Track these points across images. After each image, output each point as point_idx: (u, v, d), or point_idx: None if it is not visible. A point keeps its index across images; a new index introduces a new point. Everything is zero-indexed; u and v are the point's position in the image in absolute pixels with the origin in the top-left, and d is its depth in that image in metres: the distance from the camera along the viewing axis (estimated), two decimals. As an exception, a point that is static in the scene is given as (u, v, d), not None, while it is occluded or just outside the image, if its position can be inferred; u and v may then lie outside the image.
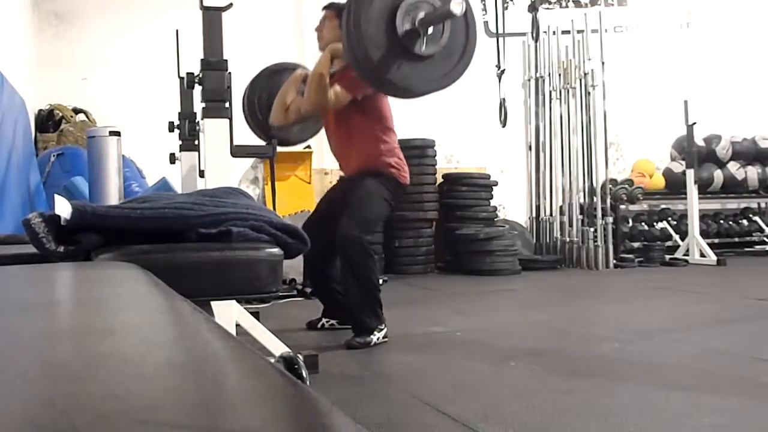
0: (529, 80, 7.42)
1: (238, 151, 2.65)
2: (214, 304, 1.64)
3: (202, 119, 2.64)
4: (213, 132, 2.54)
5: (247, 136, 3.49)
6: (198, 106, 2.99)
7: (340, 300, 3.38)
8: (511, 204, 7.38)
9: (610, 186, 6.94)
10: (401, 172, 3.29)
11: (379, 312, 3.14)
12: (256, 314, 3.06)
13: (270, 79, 3.70)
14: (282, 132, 3.61)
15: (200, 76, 2.59)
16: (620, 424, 1.93)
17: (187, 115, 3.38)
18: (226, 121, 2.54)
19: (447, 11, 2.61)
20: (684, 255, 6.82)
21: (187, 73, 2.87)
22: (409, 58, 2.70)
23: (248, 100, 3.73)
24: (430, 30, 2.72)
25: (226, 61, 2.56)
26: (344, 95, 3.11)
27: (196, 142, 3.37)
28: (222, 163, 2.56)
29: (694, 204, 6.81)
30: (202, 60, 2.56)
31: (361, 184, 3.21)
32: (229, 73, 2.57)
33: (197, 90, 2.80)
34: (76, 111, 5.70)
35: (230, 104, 2.57)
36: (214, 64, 2.52)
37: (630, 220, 7.49)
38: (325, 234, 3.07)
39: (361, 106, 3.16)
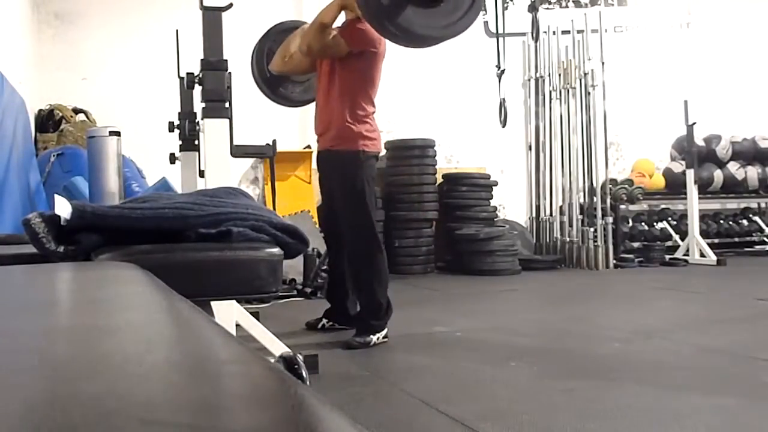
0: (529, 80, 7.41)
1: (237, 151, 2.65)
2: (214, 304, 1.64)
3: (202, 119, 2.64)
4: (213, 132, 2.54)
5: (247, 136, 3.48)
6: (198, 106, 2.99)
7: (343, 299, 3.40)
8: (511, 204, 7.37)
9: (610, 186, 6.94)
10: (373, 141, 3.26)
11: (382, 313, 3.14)
12: (256, 314, 3.06)
13: (282, 35, 3.70)
14: (287, 89, 3.61)
15: (200, 76, 2.59)
16: (620, 424, 1.93)
17: (187, 115, 3.37)
18: (226, 121, 2.54)
19: None
20: (684, 255, 6.82)
21: (187, 73, 2.87)
22: (420, 3, 2.70)
23: (257, 53, 3.74)
24: None
25: (226, 61, 2.56)
26: (342, 45, 3.12)
27: (196, 142, 3.36)
28: (222, 163, 2.56)
29: (694, 204, 6.81)
30: (202, 60, 2.56)
31: (339, 180, 3.21)
32: (229, 73, 2.57)
33: (197, 90, 2.80)
34: (76, 111, 5.70)
35: (230, 104, 2.57)
36: (214, 64, 2.52)
37: (630, 220, 7.49)
38: (340, 236, 3.16)
39: (355, 63, 3.16)
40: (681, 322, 3.71)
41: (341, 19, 3.28)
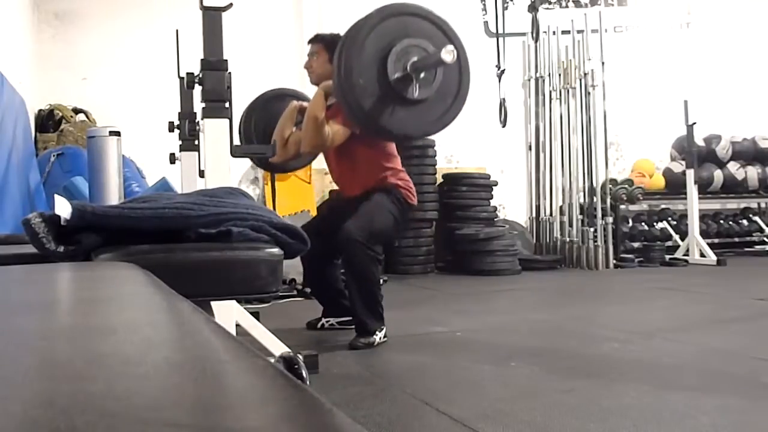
0: (529, 80, 7.42)
1: (237, 151, 2.64)
2: (214, 304, 1.64)
3: (202, 119, 2.64)
4: (213, 132, 2.54)
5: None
6: (198, 106, 2.98)
7: (337, 299, 3.39)
8: (511, 204, 7.38)
9: (610, 186, 6.95)
10: (408, 191, 3.26)
11: (380, 312, 3.14)
12: (256, 314, 3.06)
13: (266, 107, 3.71)
14: (280, 163, 3.60)
15: (200, 76, 2.59)
16: (620, 424, 1.93)
17: (187, 115, 3.37)
18: (226, 121, 2.54)
19: (438, 60, 2.59)
20: (684, 255, 6.82)
21: (187, 73, 2.87)
22: (402, 103, 2.68)
23: (244, 127, 3.72)
24: (422, 74, 2.69)
25: (226, 61, 2.56)
26: (343, 132, 3.08)
27: (196, 142, 3.36)
28: (222, 163, 2.56)
29: (694, 204, 6.82)
30: (202, 60, 2.56)
31: (369, 197, 3.17)
32: (229, 73, 2.56)
33: (197, 90, 2.80)
34: (76, 111, 5.70)
35: (230, 104, 2.57)
36: (214, 64, 2.52)
37: (630, 220, 7.49)
38: (326, 237, 3.06)
39: (361, 138, 3.11)
40: (681, 322, 3.71)
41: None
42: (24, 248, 1.42)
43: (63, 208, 1.31)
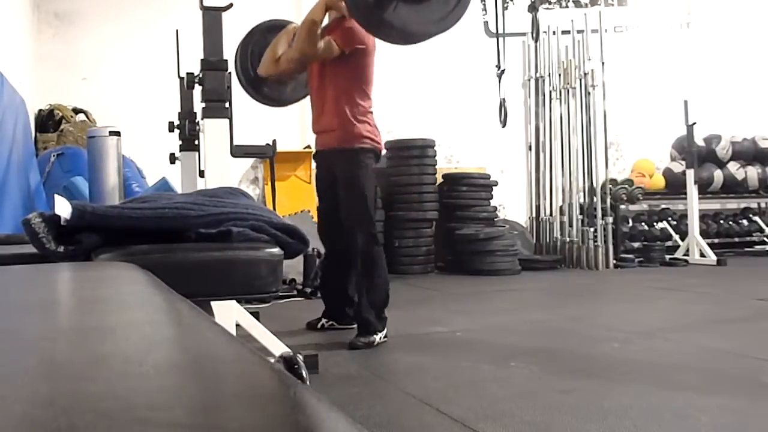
0: (529, 80, 7.42)
1: (238, 151, 2.65)
2: (214, 304, 1.64)
3: (202, 119, 2.64)
4: (213, 132, 2.54)
5: (248, 136, 3.48)
6: (198, 106, 2.99)
7: (343, 305, 3.42)
8: (511, 204, 7.38)
9: (610, 186, 6.94)
10: (374, 141, 3.26)
11: (384, 314, 3.16)
12: (256, 314, 3.06)
13: (265, 35, 3.65)
14: (274, 90, 3.57)
15: (200, 76, 2.59)
16: (620, 424, 1.93)
17: (187, 115, 3.37)
18: (226, 121, 2.54)
19: None
20: (684, 255, 6.82)
21: (187, 73, 2.87)
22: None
23: (241, 53, 3.67)
24: None
25: (226, 61, 2.56)
26: (334, 47, 3.09)
27: (196, 142, 3.37)
28: (222, 163, 2.56)
29: (694, 204, 6.82)
30: (202, 60, 2.56)
31: (342, 176, 3.21)
32: (229, 73, 2.57)
33: (197, 90, 2.80)
34: (76, 111, 5.70)
35: (230, 104, 2.57)
36: (214, 64, 2.52)
37: (630, 220, 7.49)
38: (338, 237, 3.15)
39: (346, 62, 3.13)
40: (681, 322, 3.71)
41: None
42: (24, 248, 1.42)
43: (63, 208, 1.31)
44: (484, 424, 1.93)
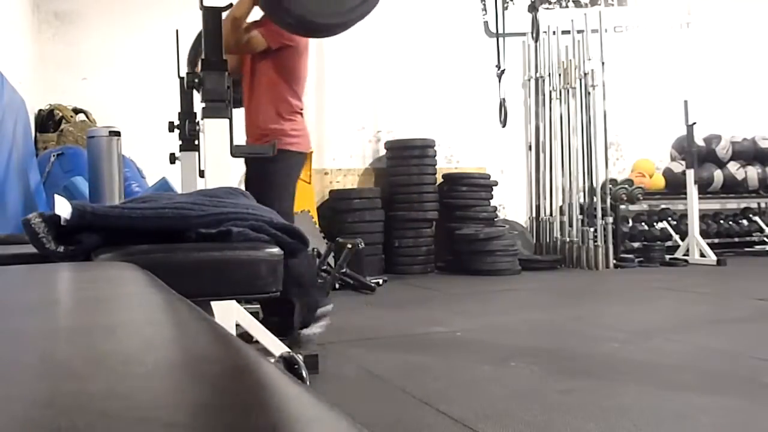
0: (529, 80, 7.42)
1: (237, 151, 2.64)
2: (214, 304, 1.64)
3: (202, 119, 2.64)
4: (213, 132, 2.54)
5: (244, 134, 3.48)
6: (198, 106, 2.99)
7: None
8: (511, 204, 7.38)
9: (610, 186, 6.95)
10: (297, 139, 3.16)
11: (315, 311, 3.04)
12: (256, 314, 3.06)
13: None
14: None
15: (200, 75, 2.58)
16: (620, 424, 1.93)
17: (187, 115, 3.37)
18: (226, 121, 2.54)
19: None
20: (684, 255, 6.82)
21: (187, 73, 2.87)
22: None
23: (194, 52, 3.60)
24: None
25: (226, 60, 2.56)
26: (260, 41, 3.02)
27: (196, 142, 3.36)
28: (222, 163, 2.56)
29: (694, 204, 6.82)
30: (202, 60, 2.56)
31: (256, 175, 3.12)
32: (229, 73, 2.57)
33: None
34: (76, 111, 5.69)
35: (230, 104, 2.56)
36: (214, 64, 2.52)
37: (630, 220, 7.49)
38: None
39: (274, 59, 3.06)
40: (681, 322, 3.71)
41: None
42: (24, 248, 1.41)
43: (63, 208, 1.31)
44: (484, 424, 1.94)
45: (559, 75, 7.20)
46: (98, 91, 6.00)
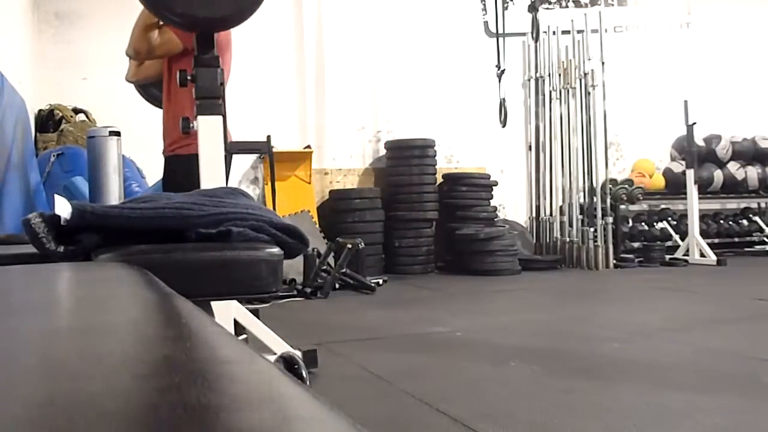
0: (529, 80, 7.42)
1: (233, 148, 2.64)
2: (214, 303, 1.64)
3: (195, 117, 2.62)
4: (207, 129, 2.53)
5: (244, 134, 3.48)
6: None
7: None
8: (511, 204, 7.38)
9: (610, 186, 6.95)
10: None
11: None
12: (255, 313, 3.06)
13: None
14: (160, 90, 3.38)
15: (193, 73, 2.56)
16: (620, 424, 1.93)
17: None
18: (220, 118, 2.52)
19: None
20: (684, 255, 6.82)
21: (180, 71, 2.85)
22: None
23: None
24: None
25: (218, 57, 2.54)
26: (175, 43, 2.93)
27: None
28: (217, 161, 2.54)
29: (694, 204, 6.82)
30: (195, 57, 2.55)
31: (170, 182, 3.01)
32: (222, 70, 2.55)
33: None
34: (76, 111, 5.69)
35: (224, 101, 2.55)
36: (206, 61, 2.50)
37: (630, 220, 7.49)
38: None
39: (192, 60, 2.91)
40: (681, 322, 3.71)
41: None
42: (24, 248, 1.41)
43: (63, 208, 1.31)
44: (483, 424, 1.93)
45: (559, 75, 7.20)
46: (98, 91, 6.00)
